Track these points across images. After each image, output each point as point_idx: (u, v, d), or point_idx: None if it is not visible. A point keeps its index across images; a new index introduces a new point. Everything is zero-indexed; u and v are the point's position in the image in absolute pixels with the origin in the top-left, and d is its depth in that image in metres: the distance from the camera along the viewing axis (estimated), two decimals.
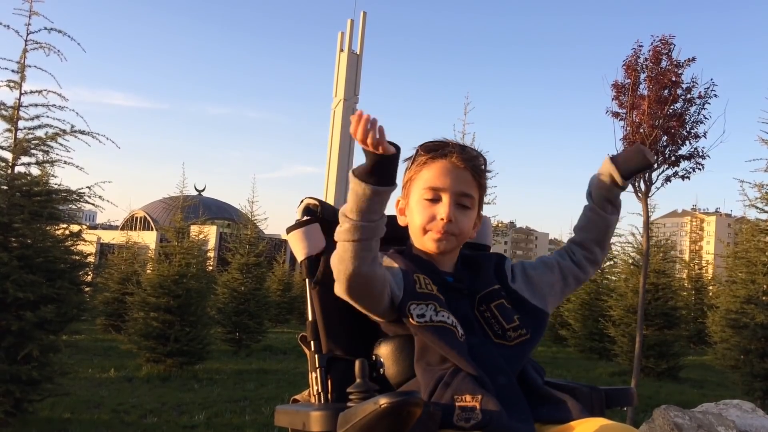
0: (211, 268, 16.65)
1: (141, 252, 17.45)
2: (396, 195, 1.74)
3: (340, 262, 1.42)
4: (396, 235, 1.75)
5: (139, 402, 6.62)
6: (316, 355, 1.61)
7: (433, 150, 1.64)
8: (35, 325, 5.28)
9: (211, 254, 19.70)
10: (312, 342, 1.64)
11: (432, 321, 1.48)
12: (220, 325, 11.77)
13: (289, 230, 1.76)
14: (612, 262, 14.40)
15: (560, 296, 1.76)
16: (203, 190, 53.71)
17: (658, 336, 10.42)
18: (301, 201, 1.81)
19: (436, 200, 1.61)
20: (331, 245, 1.75)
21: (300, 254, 1.73)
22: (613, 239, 11.86)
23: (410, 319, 1.48)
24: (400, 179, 1.74)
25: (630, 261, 12.20)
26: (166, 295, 8.88)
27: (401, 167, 1.73)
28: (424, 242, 1.63)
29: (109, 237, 27.92)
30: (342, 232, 1.40)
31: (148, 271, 11.14)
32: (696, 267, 19.29)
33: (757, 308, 7.96)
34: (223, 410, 6.39)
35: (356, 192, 1.36)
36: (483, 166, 1.67)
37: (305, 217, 1.77)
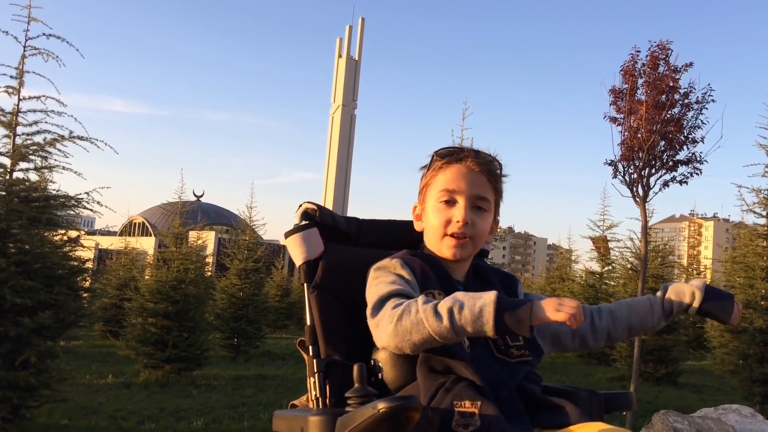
0: (209, 273, 16.63)
1: (139, 258, 17.42)
2: (413, 201, 1.76)
3: (405, 336, 1.39)
4: (410, 239, 1.75)
5: (137, 408, 6.60)
6: (315, 360, 1.60)
7: (449, 155, 1.66)
8: (33, 331, 5.27)
9: (209, 260, 19.67)
10: (310, 347, 1.63)
11: None
12: (219, 331, 11.75)
13: (288, 235, 1.76)
14: (610, 267, 14.41)
15: (556, 347, 1.77)
16: (202, 195, 53.70)
17: (657, 341, 10.40)
18: (300, 205, 1.81)
19: (451, 203, 1.63)
20: (329, 250, 1.76)
21: (298, 259, 1.73)
22: (612, 244, 11.73)
23: None
24: (417, 186, 1.75)
25: (628, 266, 12.21)
26: (165, 301, 8.86)
27: (418, 174, 1.74)
28: (441, 249, 1.64)
29: (107, 243, 27.92)
30: (435, 324, 1.35)
31: (147, 277, 11.11)
32: (694, 272, 19.35)
33: (756, 313, 7.96)
34: (222, 416, 6.37)
35: (481, 320, 1.32)
36: (498, 171, 1.69)
37: (303, 222, 1.77)
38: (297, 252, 1.73)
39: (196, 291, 9.21)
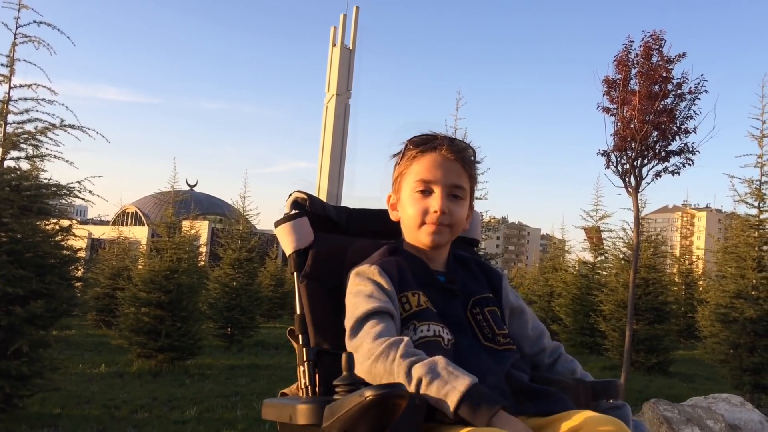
0: (202, 263, 16.62)
1: (132, 247, 17.36)
2: (387, 191, 1.75)
3: (376, 379, 1.39)
4: (387, 228, 1.75)
5: (130, 397, 6.60)
6: (304, 349, 1.61)
7: (422, 143, 1.65)
8: (25, 320, 5.26)
9: (202, 249, 19.65)
10: (300, 336, 1.63)
11: (413, 342, 1.48)
12: (212, 321, 11.74)
13: (278, 224, 1.76)
14: (603, 258, 14.46)
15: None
16: (195, 185, 53.46)
17: (649, 330, 10.47)
18: (290, 194, 1.80)
19: (427, 193, 1.63)
20: (318, 239, 1.76)
21: (288, 248, 1.73)
22: (605, 234, 11.74)
23: None
24: (390, 174, 1.75)
25: (621, 256, 12.25)
26: (158, 291, 8.84)
27: (391, 162, 1.73)
28: (419, 236, 1.64)
29: (99, 232, 27.81)
30: (403, 383, 1.34)
31: (140, 267, 11.09)
32: (686, 262, 19.38)
33: (747, 303, 8.01)
34: (215, 405, 6.39)
35: (443, 404, 1.30)
36: (472, 158, 1.69)
37: (293, 211, 1.76)
38: (287, 241, 1.73)
39: (190, 281, 9.20)
